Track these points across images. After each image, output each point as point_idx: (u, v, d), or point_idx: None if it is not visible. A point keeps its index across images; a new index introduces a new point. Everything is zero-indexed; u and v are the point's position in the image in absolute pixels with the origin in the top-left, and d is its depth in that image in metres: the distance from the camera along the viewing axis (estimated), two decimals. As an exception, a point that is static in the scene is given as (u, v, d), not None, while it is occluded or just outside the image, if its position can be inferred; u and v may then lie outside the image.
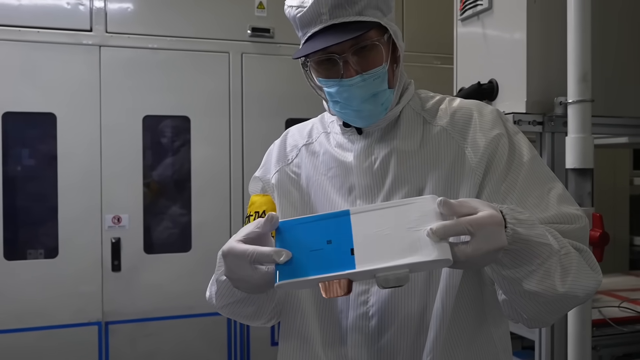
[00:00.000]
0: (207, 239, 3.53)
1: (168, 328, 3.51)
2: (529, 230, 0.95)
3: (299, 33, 1.18)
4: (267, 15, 3.69)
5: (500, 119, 1.20)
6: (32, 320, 3.28)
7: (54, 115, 3.32)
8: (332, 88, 1.15)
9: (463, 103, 1.24)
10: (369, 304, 1.15)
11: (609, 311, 2.38)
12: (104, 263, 3.39)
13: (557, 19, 2.08)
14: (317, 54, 1.12)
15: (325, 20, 1.10)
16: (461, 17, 2.50)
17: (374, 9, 1.12)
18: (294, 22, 1.17)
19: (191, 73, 3.56)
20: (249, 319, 1.23)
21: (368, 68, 1.12)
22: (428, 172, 1.17)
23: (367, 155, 1.20)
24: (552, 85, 2.14)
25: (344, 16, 1.09)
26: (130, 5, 3.51)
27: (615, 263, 3.71)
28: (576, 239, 1.09)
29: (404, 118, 1.22)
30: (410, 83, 1.27)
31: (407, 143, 1.19)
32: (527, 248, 0.95)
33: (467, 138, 1.17)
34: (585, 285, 1.03)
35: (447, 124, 1.19)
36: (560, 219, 1.10)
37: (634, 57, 2.32)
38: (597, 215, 1.96)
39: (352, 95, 1.13)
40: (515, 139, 1.18)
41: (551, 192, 1.14)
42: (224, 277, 1.09)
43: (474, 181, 1.13)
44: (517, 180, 1.13)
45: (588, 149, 1.97)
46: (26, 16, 3.31)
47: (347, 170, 1.21)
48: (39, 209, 3.40)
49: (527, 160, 1.15)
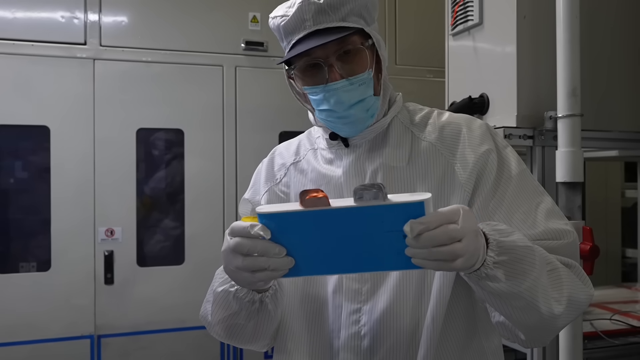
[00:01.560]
0: (200, 252, 3.52)
1: (161, 341, 3.50)
2: (510, 236, 0.95)
3: (284, 43, 1.18)
4: (261, 29, 3.72)
5: (490, 133, 1.19)
6: (24, 333, 3.26)
7: (47, 129, 3.33)
8: (317, 95, 1.14)
9: (452, 117, 1.23)
10: (360, 323, 1.14)
11: (601, 324, 2.39)
12: (96, 276, 3.38)
13: (547, 34, 2.11)
14: (301, 59, 1.13)
15: (309, 26, 1.11)
16: (452, 31, 2.52)
17: (357, 17, 1.13)
18: (279, 33, 1.17)
19: (185, 86, 3.58)
20: (247, 340, 1.20)
21: (353, 73, 1.12)
22: (416, 188, 1.16)
23: (356, 170, 1.19)
24: (542, 99, 2.16)
25: (328, 22, 1.10)
26: (125, 18, 3.53)
27: (607, 275, 3.72)
28: (565, 255, 1.08)
29: (392, 131, 1.21)
30: (398, 95, 1.26)
31: (395, 158, 1.19)
32: (517, 255, 0.94)
33: (456, 154, 1.16)
34: (577, 298, 1.04)
35: (435, 139, 1.19)
36: (548, 235, 1.10)
37: (623, 72, 2.34)
38: (587, 229, 1.97)
39: (339, 99, 1.12)
40: (504, 153, 1.18)
41: (539, 207, 1.13)
42: (221, 288, 1.10)
43: (463, 197, 1.13)
44: (505, 196, 1.13)
45: (578, 162, 1.99)
46: (20, 29, 3.32)
47: (336, 187, 1.20)
48: (32, 222, 3.39)
49: (515, 174, 1.15)
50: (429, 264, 0.87)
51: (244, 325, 1.15)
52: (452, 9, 2.52)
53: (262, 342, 1.22)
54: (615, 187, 4.04)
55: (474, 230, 0.89)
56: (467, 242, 0.87)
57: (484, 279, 0.94)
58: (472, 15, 2.38)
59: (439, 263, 0.87)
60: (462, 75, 2.51)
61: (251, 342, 1.21)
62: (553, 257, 1.05)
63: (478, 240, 0.90)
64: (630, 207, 3.91)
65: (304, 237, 0.90)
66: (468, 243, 0.87)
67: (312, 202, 0.86)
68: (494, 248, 0.93)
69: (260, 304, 1.10)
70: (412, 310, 1.13)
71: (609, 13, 2.30)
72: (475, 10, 2.35)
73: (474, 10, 2.36)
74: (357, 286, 1.15)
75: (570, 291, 1.02)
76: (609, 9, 2.31)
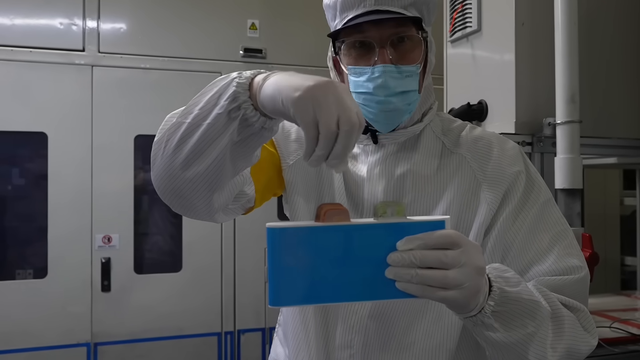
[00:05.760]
0: (198, 259, 3.50)
1: (158, 349, 3.47)
2: (516, 287, 0.90)
3: (335, 21, 1.12)
4: (260, 35, 3.72)
5: (522, 156, 1.16)
6: (20, 341, 3.24)
7: (45, 135, 3.32)
8: (362, 76, 1.07)
9: (485, 134, 1.19)
10: (353, 349, 1.12)
11: (601, 332, 2.36)
12: (93, 283, 3.36)
13: (545, 40, 2.11)
14: (352, 35, 1.07)
15: (370, 4, 1.05)
16: (451, 38, 2.53)
17: (418, 11, 1.08)
18: (334, 9, 1.11)
19: (183, 93, 3.54)
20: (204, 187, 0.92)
21: (403, 62, 1.07)
22: (442, 199, 1.12)
23: (382, 170, 1.13)
24: (540, 106, 2.16)
25: (388, 5, 1.05)
26: (123, 25, 3.53)
27: (606, 283, 3.71)
28: (573, 293, 1.04)
29: (423, 139, 1.17)
30: (434, 103, 1.22)
31: (424, 166, 1.14)
32: (518, 308, 0.89)
33: (485, 170, 1.12)
34: (577, 349, 0.99)
35: (466, 152, 1.15)
36: (558, 271, 1.06)
37: (622, 78, 2.34)
38: (586, 236, 1.97)
39: (384, 83, 1.05)
40: (534, 177, 1.14)
41: (556, 240, 1.09)
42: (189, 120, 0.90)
43: (487, 215, 1.09)
44: (526, 221, 1.09)
45: (577, 169, 1.99)
46: (18, 36, 3.32)
47: (358, 184, 1.15)
48: (29, 229, 3.38)
49: (541, 201, 1.11)
50: (413, 288, 0.79)
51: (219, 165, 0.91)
52: (450, 16, 2.52)
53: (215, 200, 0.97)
54: (614, 195, 4.04)
55: (478, 266, 0.82)
56: (464, 274, 0.80)
57: (479, 326, 0.89)
58: (470, 22, 2.38)
59: (426, 289, 0.79)
60: (461, 81, 2.51)
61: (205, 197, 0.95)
62: (559, 302, 1.00)
63: (479, 279, 0.83)
64: (629, 215, 3.90)
65: (319, 257, 0.79)
66: (465, 276, 0.80)
67: (332, 215, 0.78)
68: (496, 297, 0.87)
69: (262, 132, 0.91)
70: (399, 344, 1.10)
71: (607, 20, 2.31)
72: (473, 17, 2.36)
73: (472, 17, 2.36)
74: None
75: (570, 343, 0.98)
76: (608, 16, 2.31)
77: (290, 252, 0.78)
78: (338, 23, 1.11)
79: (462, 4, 2.41)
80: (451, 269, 0.79)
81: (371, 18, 1.03)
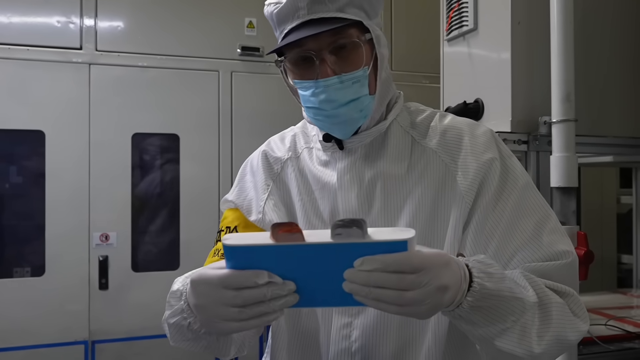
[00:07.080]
0: (196, 257, 3.50)
1: (156, 347, 3.48)
2: (498, 284, 0.88)
3: (277, 32, 1.10)
4: (257, 34, 3.72)
5: (494, 140, 1.12)
6: (17, 339, 3.24)
7: (42, 133, 3.32)
8: (306, 90, 1.05)
9: (454, 122, 1.15)
10: (351, 339, 1.09)
11: (596, 329, 2.38)
12: (91, 281, 3.37)
13: (541, 39, 2.11)
14: (292, 50, 1.04)
15: (302, 15, 1.02)
16: (447, 37, 2.53)
17: (357, 9, 1.04)
18: (272, 21, 1.09)
19: (181, 91, 3.58)
20: (215, 353, 1.13)
21: (347, 69, 1.03)
22: (416, 197, 1.09)
23: (352, 176, 1.11)
24: (536, 104, 2.17)
25: (323, 12, 1.02)
26: (121, 23, 3.53)
27: (603, 281, 3.73)
28: (562, 278, 1.02)
29: (391, 137, 1.13)
30: (399, 96, 1.19)
31: (394, 166, 1.11)
32: (499, 304, 0.89)
33: (457, 161, 1.09)
34: (565, 336, 0.97)
35: (436, 144, 1.11)
36: (546, 256, 1.03)
37: (618, 77, 2.35)
38: (581, 234, 1.97)
39: (328, 97, 1.03)
40: (509, 162, 1.10)
41: (541, 225, 1.06)
42: (173, 320, 1.04)
43: (463, 208, 1.06)
44: (506, 210, 1.05)
45: (572, 167, 1.99)
46: (16, 34, 3.32)
47: (331, 193, 1.13)
48: (26, 227, 3.37)
49: (519, 186, 1.07)
50: (370, 302, 0.79)
51: (204, 343, 1.09)
52: (446, 15, 2.52)
53: (232, 351, 1.13)
54: (610, 193, 4.05)
55: (440, 285, 0.80)
56: (422, 294, 0.78)
57: (458, 319, 0.89)
58: (466, 21, 2.38)
59: (381, 305, 0.79)
60: (457, 80, 2.51)
61: (218, 353, 1.13)
62: (547, 288, 0.99)
63: (440, 297, 0.81)
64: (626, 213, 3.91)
65: (276, 272, 0.81)
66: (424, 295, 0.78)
67: (284, 237, 0.78)
68: (476, 293, 0.86)
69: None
70: (405, 325, 1.08)
71: (603, 19, 2.31)
72: (470, 15, 2.36)
73: (469, 15, 2.36)
74: None
75: (558, 331, 0.96)
76: (604, 14, 2.31)
77: (247, 266, 0.81)
78: (278, 36, 1.10)
79: (459, 3, 2.42)
80: (409, 291, 0.78)
81: (302, 35, 1.00)
